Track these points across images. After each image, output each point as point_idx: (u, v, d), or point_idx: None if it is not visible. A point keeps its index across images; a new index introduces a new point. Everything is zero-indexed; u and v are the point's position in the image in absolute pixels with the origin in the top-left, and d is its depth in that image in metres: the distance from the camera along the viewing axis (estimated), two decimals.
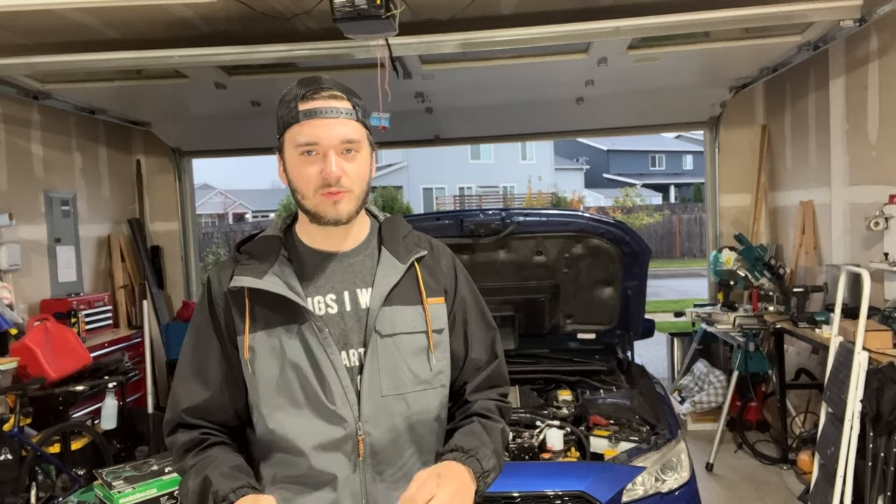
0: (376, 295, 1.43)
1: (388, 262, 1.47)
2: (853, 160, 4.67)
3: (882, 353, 3.42)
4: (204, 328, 1.46)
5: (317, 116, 1.37)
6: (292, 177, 1.41)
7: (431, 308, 1.47)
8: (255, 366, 1.40)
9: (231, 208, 32.64)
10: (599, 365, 3.99)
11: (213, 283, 1.47)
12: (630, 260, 3.97)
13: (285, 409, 1.39)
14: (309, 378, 1.38)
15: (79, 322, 5.39)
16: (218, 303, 1.45)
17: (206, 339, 1.46)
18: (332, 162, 1.36)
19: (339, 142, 1.37)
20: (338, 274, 1.45)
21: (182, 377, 1.48)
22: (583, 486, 2.71)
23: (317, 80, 1.41)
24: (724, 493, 4.60)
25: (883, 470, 3.19)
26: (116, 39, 4.07)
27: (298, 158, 1.39)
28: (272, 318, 1.40)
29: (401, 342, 1.43)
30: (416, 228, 1.59)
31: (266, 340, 1.40)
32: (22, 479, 3.99)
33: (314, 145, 1.37)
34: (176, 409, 1.45)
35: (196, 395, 1.44)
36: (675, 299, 13.96)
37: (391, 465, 1.41)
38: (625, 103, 6.05)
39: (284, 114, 1.40)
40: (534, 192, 26.58)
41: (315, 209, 1.40)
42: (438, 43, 3.90)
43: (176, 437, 1.44)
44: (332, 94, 1.39)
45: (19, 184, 5.31)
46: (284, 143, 1.42)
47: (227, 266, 1.47)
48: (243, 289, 1.41)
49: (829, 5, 3.68)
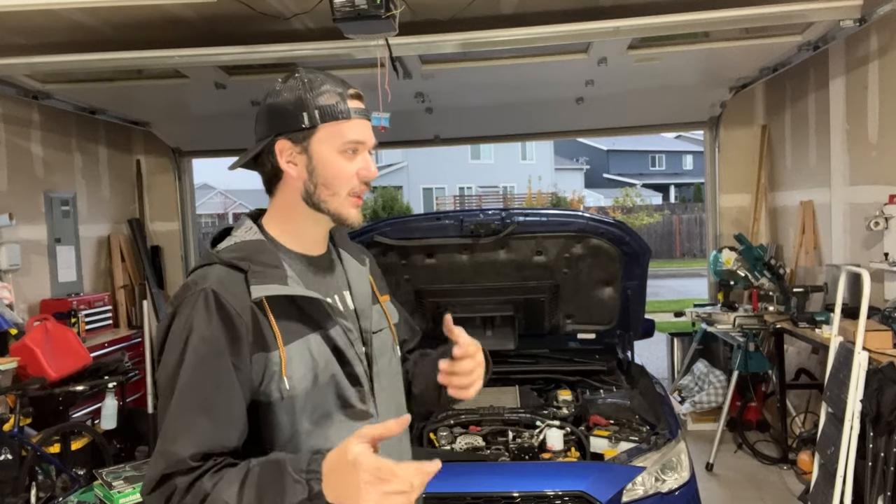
0: (359, 295, 1.47)
1: (352, 264, 1.51)
2: (853, 160, 4.67)
3: (882, 353, 3.43)
4: (212, 351, 1.21)
5: (364, 116, 1.38)
6: (326, 171, 1.34)
7: (387, 305, 1.56)
8: (293, 382, 1.26)
9: (231, 208, 32.62)
10: (599, 365, 3.99)
11: (226, 296, 1.24)
12: (630, 260, 3.97)
13: (319, 423, 1.31)
14: (341, 383, 1.34)
15: (79, 322, 5.39)
16: (239, 317, 1.24)
17: (217, 363, 1.21)
18: (372, 162, 1.39)
19: (373, 144, 1.40)
20: (325, 278, 1.44)
21: (183, 418, 1.18)
22: (583, 486, 2.71)
23: (341, 80, 1.41)
24: (724, 493, 4.61)
25: (883, 470, 3.19)
26: (116, 39, 4.07)
27: (339, 155, 1.35)
28: (298, 326, 1.31)
29: (381, 339, 1.49)
30: (416, 228, 1.64)
31: (298, 352, 1.29)
32: (22, 479, 3.99)
33: (361, 144, 1.37)
34: (174, 457, 1.15)
35: (207, 436, 1.18)
36: (675, 299, 13.96)
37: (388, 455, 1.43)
38: (625, 103, 6.04)
39: (322, 105, 1.34)
40: (534, 192, 26.60)
41: (338, 210, 1.36)
42: (438, 43, 3.90)
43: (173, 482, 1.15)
44: (361, 96, 1.41)
45: (19, 184, 5.31)
46: (317, 135, 1.34)
47: (228, 275, 1.28)
48: (262, 301, 1.27)
49: (829, 5, 3.67)
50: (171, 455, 1.16)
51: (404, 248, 3.88)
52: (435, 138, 6.97)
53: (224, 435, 1.20)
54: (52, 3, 3.39)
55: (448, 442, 3.19)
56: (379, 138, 1.60)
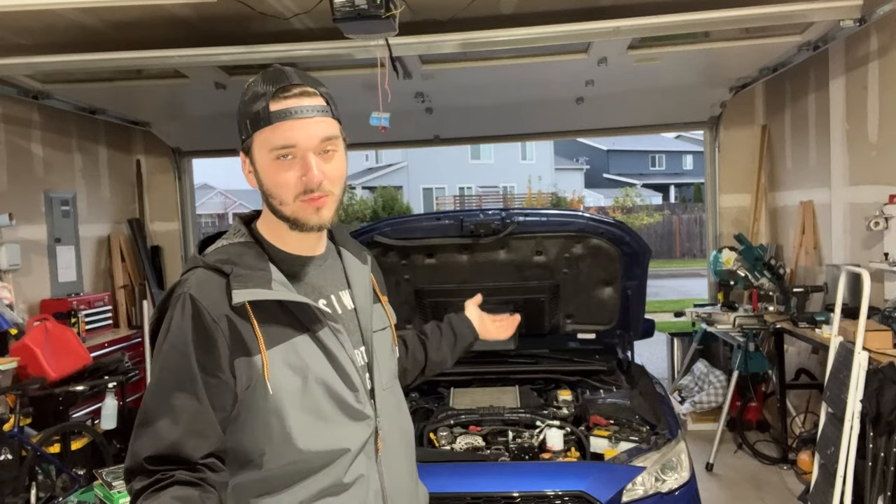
0: (359, 294, 1.47)
1: (353, 263, 1.50)
2: (853, 160, 4.67)
3: (882, 353, 3.43)
4: (182, 357, 1.22)
5: (291, 117, 1.27)
6: (267, 182, 1.31)
7: (387, 305, 1.60)
8: (276, 386, 1.26)
9: (231, 208, 32.62)
10: (599, 365, 3.99)
11: (203, 302, 1.24)
12: (630, 260, 3.97)
13: (313, 423, 1.29)
14: (334, 384, 1.32)
15: (79, 322, 5.40)
16: (214, 324, 1.23)
17: (183, 370, 1.22)
18: (314, 166, 1.28)
19: (318, 142, 1.29)
20: (320, 278, 1.42)
21: (148, 419, 1.22)
22: (583, 486, 2.71)
23: (283, 75, 1.31)
24: (724, 493, 4.60)
25: (883, 470, 3.19)
26: (116, 39, 4.07)
27: (273, 163, 1.29)
28: (284, 330, 1.29)
29: (382, 338, 1.50)
30: (416, 228, 1.65)
31: (284, 355, 1.28)
32: (22, 479, 3.99)
33: (291, 148, 1.27)
34: (136, 457, 1.20)
35: (163, 438, 1.20)
36: (675, 299, 13.96)
37: (392, 454, 1.45)
38: (625, 103, 6.04)
39: (251, 113, 1.29)
40: (534, 192, 26.61)
41: (295, 216, 1.31)
42: (438, 43, 3.90)
43: (133, 485, 1.21)
44: (303, 90, 1.30)
45: (19, 184, 5.31)
46: (253, 145, 1.31)
47: (209, 280, 1.27)
48: (244, 304, 1.25)
49: (829, 5, 3.68)
50: (134, 454, 1.21)
51: (404, 248, 3.87)
52: (435, 138, 6.97)
53: (182, 442, 1.20)
54: (52, 3, 3.39)
55: (448, 442, 3.18)
56: (379, 138, 1.59)
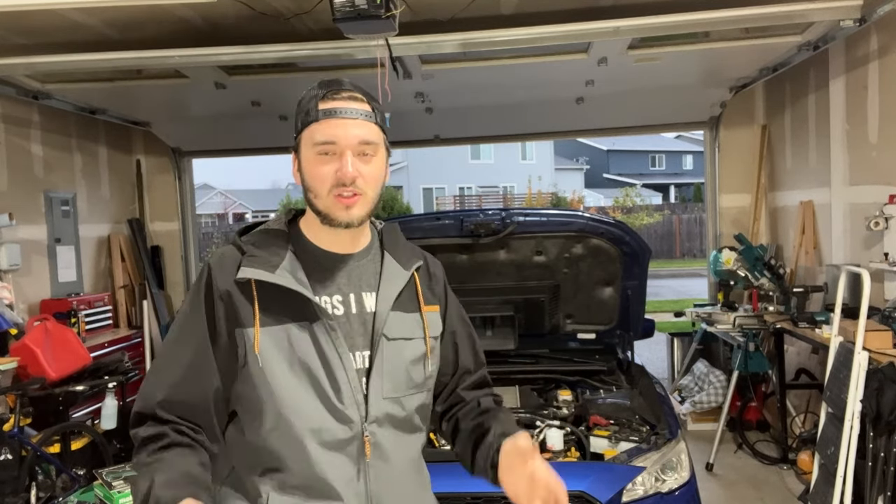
0: (383, 299, 1.45)
1: (393, 267, 1.50)
2: (853, 160, 4.67)
3: (882, 353, 3.43)
4: (194, 316, 1.38)
5: (336, 116, 1.37)
6: (307, 175, 1.40)
7: (428, 315, 1.52)
8: (264, 358, 1.35)
9: (231, 208, 32.67)
10: (599, 365, 3.98)
11: (216, 270, 1.39)
12: (630, 260, 3.97)
13: (294, 406, 1.36)
14: (319, 377, 1.36)
15: (79, 322, 5.40)
16: (220, 291, 1.37)
17: (195, 327, 1.37)
18: (349, 162, 1.36)
19: (357, 142, 1.37)
20: (343, 276, 1.45)
21: (161, 367, 1.38)
22: (583, 486, 2.70)
23: (337, 82, 1.42)
24: (724, 493, 4.60)
25: (883, 470, 3.19)
26: (116, 39, 4.07)
27: (315, 157, 1.38)
28: (281, 313, 1.37)
29: (403, 347, 1.46)
30: (416, 228, 1.63)
31: (274, 335, 1.36)
32: (22, 479, 3.99)
33: (332, 144, 1.36)
34: (149, 400, 1.33)
35: (177, 387, 1.34)
36: (675, 299, 13.96)
37: (388, 465, 1.43)
38: (625, 103, 6.04)
39: (303, 113, 1.40)
40: (534, 192, 26.61)
41: (327, 210, 1.39)
42: (438, 43, 3.90)
43: (139, 431, 1.32)
44: (351, 95, 1.39)
45: (19, 184, 5.31)
46: (301, 141, 1.41)
47: (230, 255, 1.42)
48: (250, 281, 1.36)
49: (829, 5, 3.68)
50: (147, 396, 1.35)
51: None
52: (435, 138, 6.97)
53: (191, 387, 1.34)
54: (52, 3, 3.39)
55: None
56: None
